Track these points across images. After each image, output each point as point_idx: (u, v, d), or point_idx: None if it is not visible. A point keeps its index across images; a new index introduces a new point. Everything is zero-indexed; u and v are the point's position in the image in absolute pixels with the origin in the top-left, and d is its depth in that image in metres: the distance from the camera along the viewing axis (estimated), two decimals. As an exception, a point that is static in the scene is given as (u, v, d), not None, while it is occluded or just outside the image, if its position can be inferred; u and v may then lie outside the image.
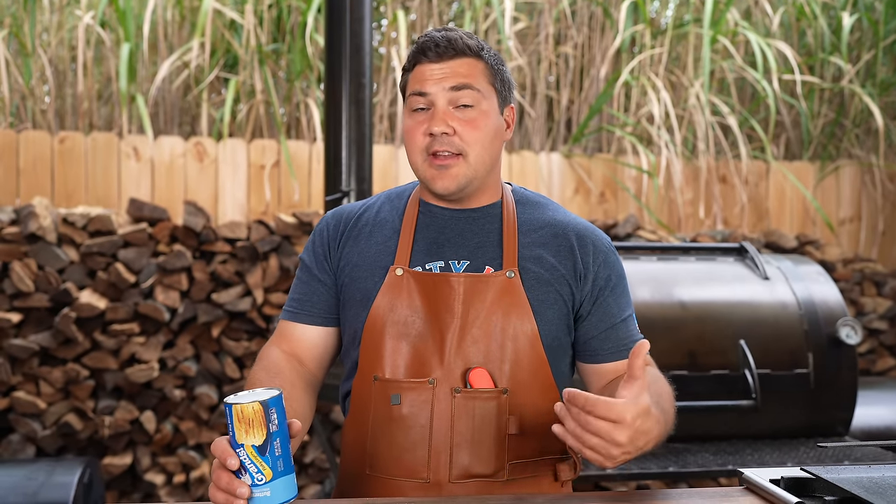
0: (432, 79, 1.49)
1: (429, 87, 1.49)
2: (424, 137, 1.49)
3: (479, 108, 1.50)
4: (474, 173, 1.51)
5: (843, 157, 4.70)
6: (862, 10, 4.61)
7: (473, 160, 1.50)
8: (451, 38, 1.50)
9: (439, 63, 1.50)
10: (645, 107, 4.35)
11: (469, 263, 1.52)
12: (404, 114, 1.56)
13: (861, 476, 1.34)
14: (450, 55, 1.50)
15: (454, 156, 1.49)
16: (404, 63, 1.57)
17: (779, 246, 4.10)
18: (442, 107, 1.49)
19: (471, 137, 1.49)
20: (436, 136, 1.48)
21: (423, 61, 1.51)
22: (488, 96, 1.52)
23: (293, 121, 4.23)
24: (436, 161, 1.49)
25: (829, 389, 2.81)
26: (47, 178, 3.74)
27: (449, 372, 1.47)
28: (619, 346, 1.55)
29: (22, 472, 2.61)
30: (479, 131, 1.50)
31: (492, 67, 1.53)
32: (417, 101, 1.51)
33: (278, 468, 1.18)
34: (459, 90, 1.49)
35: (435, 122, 1.48)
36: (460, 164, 1.49)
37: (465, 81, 1.49)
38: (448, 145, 1.48)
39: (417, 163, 1.52)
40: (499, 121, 1.54)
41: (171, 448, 3.53)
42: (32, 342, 3.32)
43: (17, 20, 4.04)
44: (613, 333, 1.55)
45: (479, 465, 1.47)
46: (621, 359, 1.54)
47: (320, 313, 1.59)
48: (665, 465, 2.54)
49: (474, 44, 1.52)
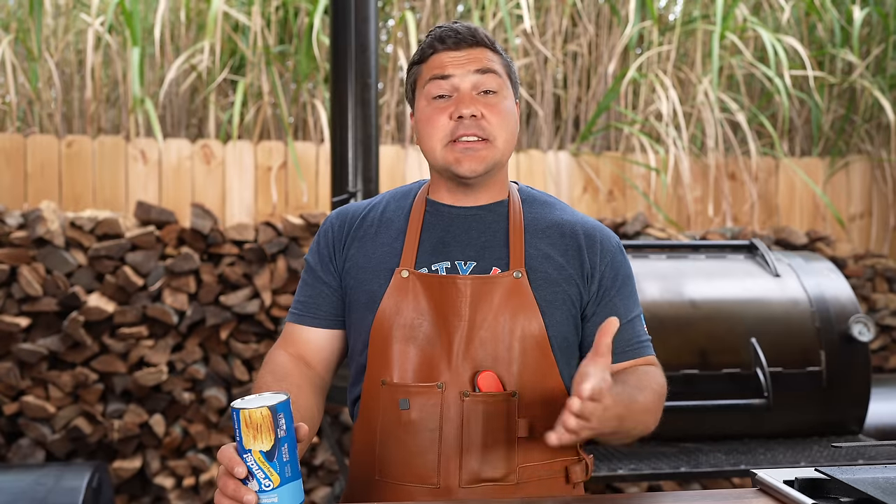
0: (455, 63, 1.49)
1: (452, 69, 1.49)
2: (449, 122, 1.48)
3: (502, 95, 1.51)
4: (501, 157, 1.51)
5: (853, 153, 4.67)
6: (872, 4, 4.57)
7: (500, 145, 1.50)
8: (471, 28, 1.51)
9: (459, 51, 1.50)
10: (653, 104, 4.33)
11: (476, 264, 1.50)
12: (420, 103, 1.53)
13: (877, 476, 1.32)
14: (469, 43, 1.50)
15: (481, 140, 1.48)
16: (414, 56, 1.55)
17: (789, 243, 4.07)
18: (467, 90, 1.48)
19: (497, 122, 1.48)
20: (463, 120, 1.46)
21: (441, 49, 1.51)
22: (507, 86, 1.53)
23: (300, 122, 4.22)
24: (459, 145, 1.47)
25: (842, 387, 2.78)
26: (55, 182, 3.74)
27: (457, 375, 1.45)
28: (625, 346, 1.53)
29: (31, 477, 2.61)
30: (504, 117, 1.50)
31: (506, 62, 1.55)
32: (439, 87, 1.49)
33: (286, 474, 1.16)
34: (484, 73, 1.49)
35: (464, 104, 1.46)
36: (488, 147, 1.48)
37: (490, 66, 1.49)
38: (476, 129, 1.47)
39: (437, 149, 1.49)
40: (516, 111, 1.55)
41: (181, 451, 3.53)
42: (41, 346, 3.32)
43: (22, 25, 4.04)
44: (619, 334, 1.51)
45: (490, 469, 1.45)
46: (627, 360, 1.53)
47: (326, 316, 1.57)
48: (677, 466, 2.52)
49: (491, 38, 1.54)
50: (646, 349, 1.56)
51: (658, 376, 1.50)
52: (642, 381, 1.45)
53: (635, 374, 1.47)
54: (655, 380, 1.48)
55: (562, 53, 4.48)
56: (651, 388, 1.44)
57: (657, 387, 1.46)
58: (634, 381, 1.43)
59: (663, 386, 1.50)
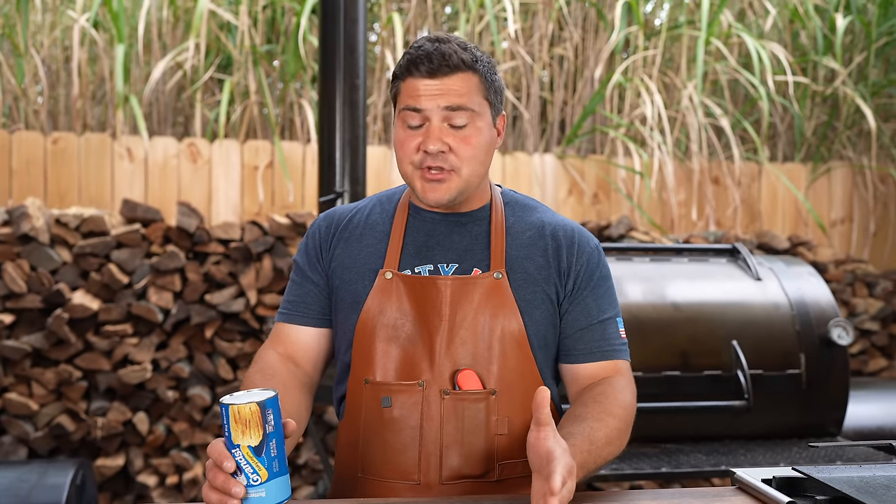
0: (427, 95, 1.46)
1: (423, 103, 1.46)
2: (417, 153, 1.47)
3: (474, 126, 1.48)
4: (466, 186, 1.50)
5: (835, 159, 4.72)
6: (854, 13, 4.62)
7: (466, 175, 1.48)
8: (444, 53, 1.45)
9: (432, 79, 1.45)
10: (638, 108, 4.37)
11: (458, 266, 1.52)
12: (396, 123, 1.53)
13: (852, 476, 1.35)
14: (444, 72, 1.45)
15: (447, 171, 1.47)
16: (395, 69, 1.54)
17: (771, 247, 4.11)
18: (437, 124, 1.46)
19: (465, 154, 1.47)
20: (430, 154, 1.46)
21: (416, 75, 1.47)
22: (482, 112, 1.49)
23: (287, 122, 4.23)
24: (427, 174, 1.47)
25: (821, 390, 2.82)
26: (40, 178, 3.73)
27: (438, 374, 1.48)
28: (593, 347, 1.54)
29: (14, 474, 2.61)
30: (473, 148, 1.48)
31: (485, 79, 1.49)
32: (411, 117, 1.48)
33: (273, 469, 1.18)
34: (455, 110, 1.46)
35: (431, 140, 1.45)
36: (453, 178, 1.48)
37: (460, 102, 1.45)
38: (442, 162, 1.46)
39: (408, 172, 1.50)
40: (491, 133, 1.52)
41: (164, 449, 3.53)
42: (25, 343, 3.31)
43: (9, 20, 4.03)
44: (588, 334, 1.53)
45: (470, 466, 1.47)
46: (596, 361, 1.53)
47: (314, 315, 1.59)
48: (658, 466, 2.55)
49: (468, 57, 1.47)
50: (617, 353, 1.55)
51: (623, 395, 1.48)
52: (604, 407, 1.43)
53: (598, 400, 1.45)
54: (619, 403, 1.45)
55: (548, 57, 4.51)
56: (614, 413, 1.43)
57: (620, 411, 1.44)
58: (596, 411, 1.42)
59: (629, 406, 1.47)
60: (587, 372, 1.54)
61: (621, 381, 1.51)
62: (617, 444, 1.42)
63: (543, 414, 1.24)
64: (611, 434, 1.40)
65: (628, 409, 1.47)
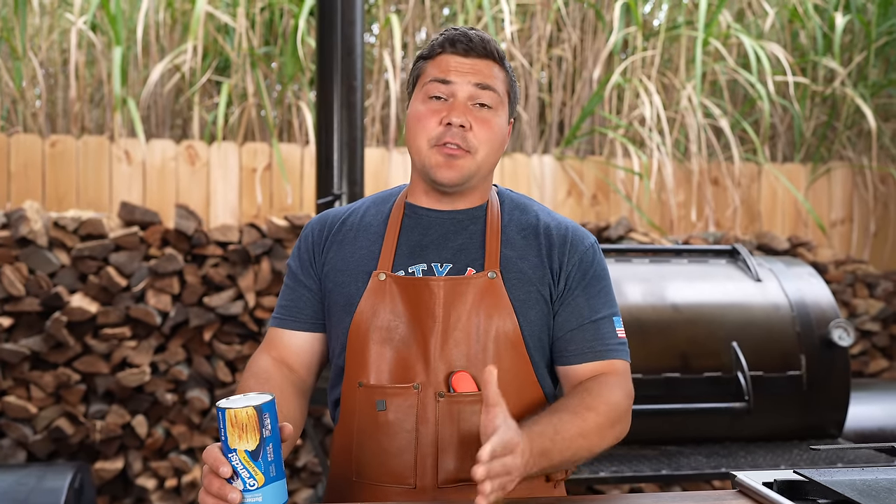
0: (458, 70, 1.50)
1: (453, 76, 1.49)
2: (438, 126, 1.48)
3: (496, 111, 1.52)
4: (478, 170, 1.51)
5: (834, 159, 4.71)
6: (854, 12, 4.62)
7: (481, 158, 1.50)
8: (484, 38, 1.52)
9: (466, 58, 1.50)
10: (637, 109, 4.36)
11: (451, 266, 1.51)
12: (415, 99, 1.54)
13: (854, 479, 1.34)
14: (478, 54, 1.51)
15: (463, 151, 1.48)
16: (422, 51, 1.56)
17: (771, 248, 4.11)
18: (462, 100, 1.49)
19: (484, 136, 1.49)
20: (451, 128, 1.47)
21: (450, 52, 1.51)
22: (503, 103, 1.54)
23: (285, 124, 4.22)
24: (444, 150, 1.48)
25: (822, 391, 2.81)
26: (38, 181, 3.73)
27: (433, 376, 1.46)
28: (586, 347, 1.51)
29: (12, 478, 2.60)
30: (492, 132, 1.50)
31: (510, 78, 1.56)
32: (437, 88, 1.50)
33: (270, 473, 1.17)
34: (483, 89, 1.50)
35: (455, 112, 1.47)
36: (468, 159, 1.49)
37: (490, 82, 1.50)
38: (461, 139, 1.47)
39: (423, 149, 1.50)
40: (506, 129, 1.56)
41: (163, 452, 3.52)
42: (23, 346, 3.30)
43: (7, 23, 4.02)
44: (580, 334, 1.52)
45: (466, 469, 1.45)
46: (589, 361, 1.51)
47: (308, 319, 1.58)
48: (658, 468, 2.54)
49: (502, 52, 1.55)
50: (611, 353, 1.52)
51: (610, 392, 1.46)
52: (584, 402, 1.42)
53: (584, 393, 1.44)
54: (603, 399, 1.44)
55: (546, 58, 4.50)
56: (594, 408, 1.41)
57: (603, 407, 1.42)
58: (574, 404, 1.41)
59: (615, 404, 1.45)
60: (581, 373, 1.52)
61: (612, 379, 1.49)
62: (595, 439, 1.40)
63: (491, 393, 1.25)
64: (586, 427, 1.38)
65: (613, 407, 1.44)
